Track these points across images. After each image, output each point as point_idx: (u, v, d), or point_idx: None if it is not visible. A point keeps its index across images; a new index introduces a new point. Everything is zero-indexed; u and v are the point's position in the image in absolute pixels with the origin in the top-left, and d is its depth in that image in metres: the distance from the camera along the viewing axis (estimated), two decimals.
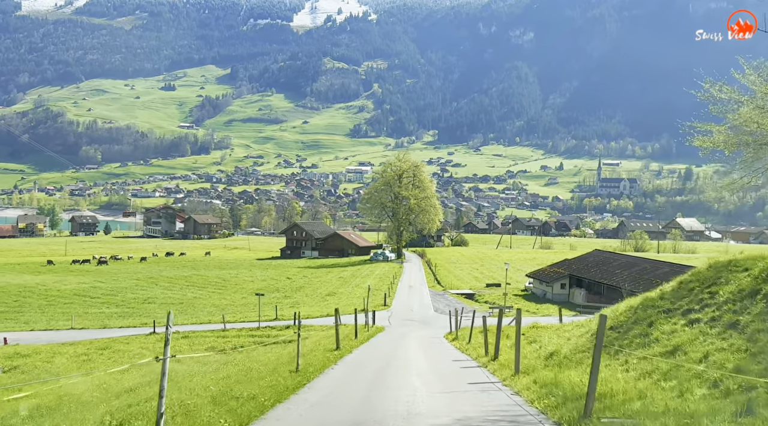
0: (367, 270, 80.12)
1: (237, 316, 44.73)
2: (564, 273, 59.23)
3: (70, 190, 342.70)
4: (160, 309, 50.76)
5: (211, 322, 40.45)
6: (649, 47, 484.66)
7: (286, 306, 48.30)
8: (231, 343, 26.49)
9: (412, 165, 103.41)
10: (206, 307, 51.52)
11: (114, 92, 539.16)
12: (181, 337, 32.42)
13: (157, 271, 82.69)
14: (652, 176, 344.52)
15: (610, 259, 59.43)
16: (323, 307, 46.36)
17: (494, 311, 42.45)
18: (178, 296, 60.18)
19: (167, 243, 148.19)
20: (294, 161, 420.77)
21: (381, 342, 24.52)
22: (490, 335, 21.31)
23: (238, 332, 33.81)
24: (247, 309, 49.37)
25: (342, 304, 43.14)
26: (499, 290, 61.57)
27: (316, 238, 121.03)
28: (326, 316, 39.54)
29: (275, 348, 23.77)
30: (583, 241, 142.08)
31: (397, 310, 45.12)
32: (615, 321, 14.31)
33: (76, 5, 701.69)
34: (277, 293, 61.01)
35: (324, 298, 54.39)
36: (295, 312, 36.90)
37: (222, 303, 54.59)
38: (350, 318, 31.33)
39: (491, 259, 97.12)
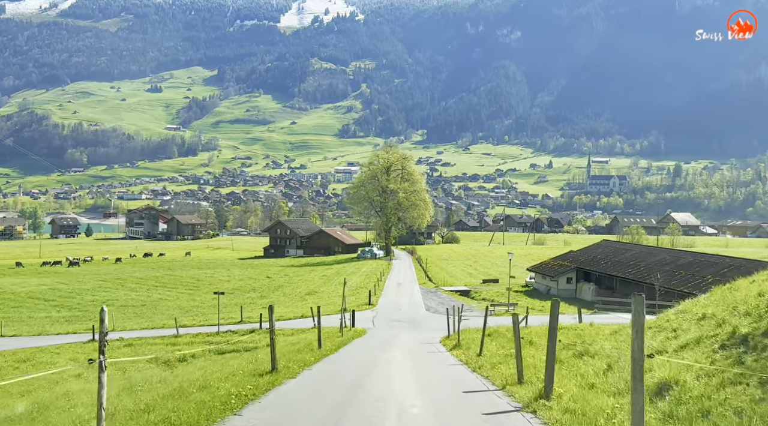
0: (353, 268, 76.79)
1: (199, 319, 41.15)
2: (570, 266, 54.22)
3: (55, 193, 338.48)
4: (118, 312, 47.94)
5: (165, 327, 36.88)
6: (637, 45, 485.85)
7: (259, 307, 45.42)
8: (180, 351, 22.58)
9: (400, 157, 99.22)
10: (170, 310, 48.38)
11: (100, 95, 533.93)
12: (124, 345, 28.03)
13: (129, 271, 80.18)
14: (641, 173, 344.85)
15: (621, 250, 54.69)
16: (300, 307, 42.71)
17: (496, 309, 39.34)
18: (142, 298, 57.03)
19: (148, 244, 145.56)
20: (282, 162, 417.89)
21: (354, 353, 18.80)
22: (504, 341, 18.50)
23: (192, 338, 29.67)
24: (215, 310, 45.76)
25: (322, 304, 39.82)
26: (497, 286, 57.80)
27: (301, 236, 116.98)
28: (301, 318, 36.15)
29: (219, 360, 19.58)
30: (577, 237, 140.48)
31: (384, 310, 40.30)
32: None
33: (60, 8, 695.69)
34: (252, 293, 58.17)
35: (303, 298, 50.87)
36: (261, 313, 33.68)
37: (189, 304, 51.38)
38: (331, 319, 28.78)
39: (484, 256, 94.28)
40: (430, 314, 39.25)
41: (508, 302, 42.42)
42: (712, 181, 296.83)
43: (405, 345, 22.09)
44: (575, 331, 18.87)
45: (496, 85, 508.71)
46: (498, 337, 20.13)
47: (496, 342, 18.79)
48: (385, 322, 34.04)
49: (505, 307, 40.64)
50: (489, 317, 34.51)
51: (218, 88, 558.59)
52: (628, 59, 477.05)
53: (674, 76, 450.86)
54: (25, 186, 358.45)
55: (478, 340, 18.46)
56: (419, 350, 20.26)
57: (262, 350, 20.18)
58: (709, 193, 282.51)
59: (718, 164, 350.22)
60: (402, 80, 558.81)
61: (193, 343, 27.45)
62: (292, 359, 15.01)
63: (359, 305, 41.34)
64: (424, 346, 21.45)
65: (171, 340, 29.24)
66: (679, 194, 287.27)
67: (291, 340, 23.46)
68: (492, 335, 20.38)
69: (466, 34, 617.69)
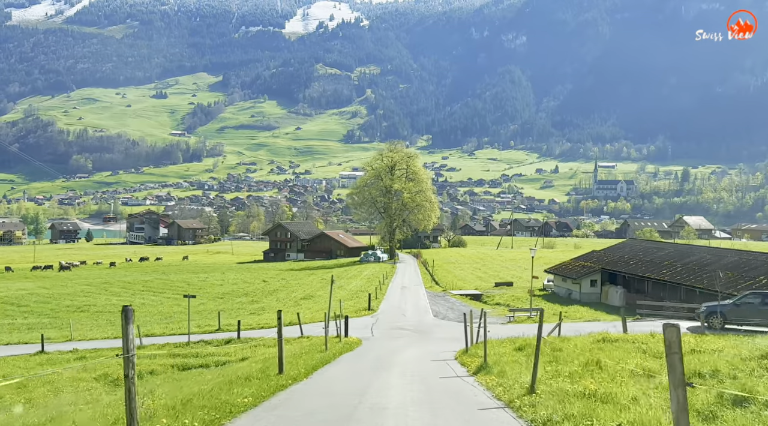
0: (354, 271, 73.78)
1: (174, 326, 37.54)
2: (595, 267, 48.61)
3: (59, 199, 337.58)
4: (90, 319, 45.30)
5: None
6: (643, 50, 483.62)
7: (248, 313, 42.82)
8: (138, 366, 19.19)
9: (405, 155, 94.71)
10: (150, 315, 45.83)
11: (105, 101, 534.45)
12: (76, 358, 24.43)
13: (119, 276, 78.07)
14: (648, 178, 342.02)
15: (651, 249, 49.29)
16: (292, 313, 38.87)
17: (516, 315, 35.22)
18: (123, 303, 53.60)
19: (148, 249, 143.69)
20: (287, 168, 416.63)
21: (333, 380, 13.57)
22: (550, 360, 13.53)
23: (157, 349, 25.69)
24: (199, 316, 43.07)
25: (317, 309, 37.26)
26: (512, 290, 53.54)
27: (302, 239, 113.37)
28: (288, 325, 32.17)
29: (182, 377, 16.46)
30: (587, 241, 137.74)
31: (385, 316, 35.99)
32: None
33: (66, 14, 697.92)
34: (243, 298, 55.49)
35: (297, 303, 47.66)
36: (239, 320, 30.49)
37: (172, 310, 48.53)
38: (320, 327, 25.06)
39: (493, 259, 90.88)
40: (438, 321, 34.73)
41: (530, 307, 37.40)
42: (720, 186, 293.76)
43: (409, 364, 17.11)
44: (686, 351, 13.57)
45: (501, 90, 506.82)
46: (539, 355, 15.40)
47: (540, 362, 13.02)
48: (385, 330, 29.83)
49: (527, 313, 35.84)
50: (508, 325, 29.61)
51: (223, 94, 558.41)
52: (634, 64, 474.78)
53: (681, 80, 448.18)
54: (29, 192, 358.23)
55: (509, 359, 14.63)
56: (429, 373, 14.89)
57: (234, 365, 17.20)
58: (718, 197, 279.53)
59: (726, 169, 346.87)
60: (407, 85, 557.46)
61: (157, 355, 23.66)
62: (223, 399, 9.69)
63: (357, 310, 38.08)
64: (436, 367, 16.18)
65: None
66: (688, 199, 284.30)
67: (272, 352, 19.76)
68: (524, 349, 16.31)
69: (471, 39, 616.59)
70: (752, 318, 24.45)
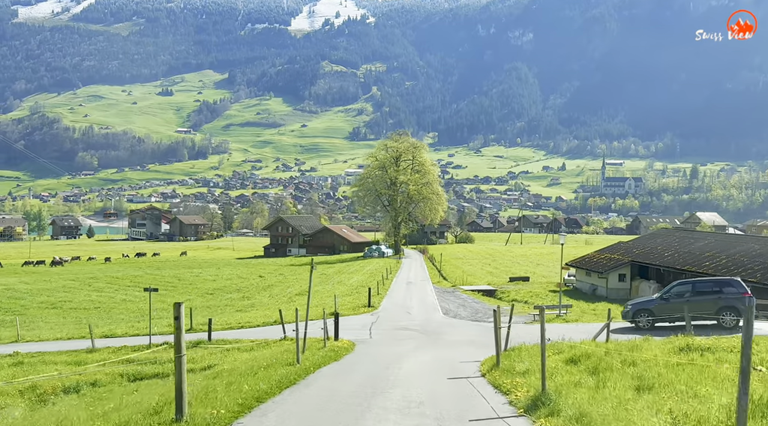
0: (356, 266, 71.16)
1: (143, 325, 33.84)
2: (624, 260, 43.83)
3: (64, 196, 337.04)
4: (59, 316, 42.96)
5: (84, 338, 28.64)
6: (650, 46, 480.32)
7: (235, 309, 40.33)
8: (81, 375, 15.83)
9: (411, 146, 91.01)
10: (127, 312, 43.24)
11: (111, 98, 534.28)
12: (13, 364, 20.75)
13: (110, 271, 76.17)
14: (657, 175, 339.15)
15: (689, 239, 44.66)
16: (286, 309, 35.26)
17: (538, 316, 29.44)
18: (103, 299, 51.72)
19: (148, 245, 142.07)
20: (292, 165, 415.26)
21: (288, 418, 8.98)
22: (632, 381, 9.87)
23: (111, 354, 22.27)
24: (185, 314, 39.16)
25: (313, 305, 33.59)
26: (529, 286, 49.45)
27: (304, 234, 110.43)
28: (273, 324, 29.17)
29: (129, 389, 13.76)
30: (598, 238, 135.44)
31: (387, 314, 31.84)
32: None
33: (73, 12, 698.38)
34: (235, 294, 53.08)
35: (291, 299, 44.35)
36: (210, 319, 26.81)
37: (156, 307, 44.93)
38: (313, 326, 20.87)
39: (503, 255, 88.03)
40: (449, 320, 30.36)
41: (559, 304, 33.01)
42: (730, 183, 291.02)
43: (415, 384, 12.05)
44: None
45: (507, 87, 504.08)
46: (606, 370, 11.06)
47: (621, 386, 9.69)
48: (386, 330, 25.52)
49: (555, 311, 31.83)
50: (532, 324, 26.66)
51: (229, 92, 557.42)
52: (641, 61, 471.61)
53: (689, 77, 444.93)
54: (35, 189, 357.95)
55: (567, 379, 10.40)
56: (449, 406, 9.76)
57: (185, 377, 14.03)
58: (727, 194, 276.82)
59: (735, 166, 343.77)
60: (413, 83, 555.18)
61: (108, 361, 19.73)
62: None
63: (356, 307, 34.63)
64: (457, 391, 11.28)
65: (80, 357, 21.87)
66: (697, 196, 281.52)
67: (229, 363, 16.34)
68: (581, 363, 12.29)
69: (477, 36, 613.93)
70: (684, 311, 21.36)
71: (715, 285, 22.77)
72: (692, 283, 23.41)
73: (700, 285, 23.22)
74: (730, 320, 21.73)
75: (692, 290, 22.80)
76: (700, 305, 21.76)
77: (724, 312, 21.82)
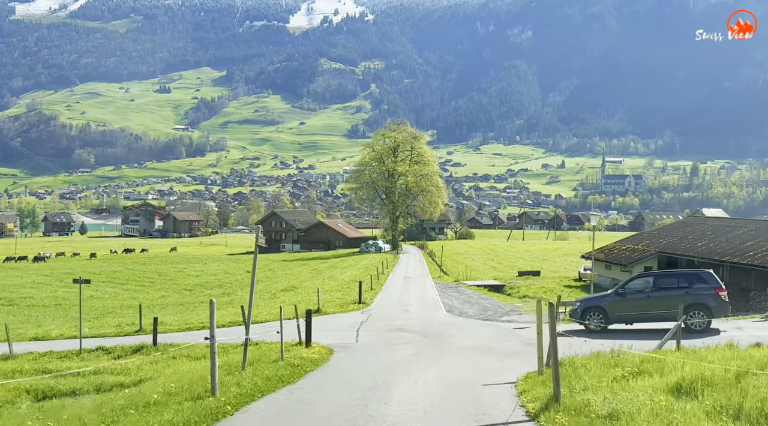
0: (351, 261, 68.33)
1: (94, 323, 30.34)
2: (650, 251, 38.94)
3: (61, 193, 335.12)
4: (10, 314, 39.99)
5: (27, 339, 25.11)
6: (650, 44, 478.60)
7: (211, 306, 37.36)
8: None
9: (409, 136, 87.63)
10: (89, 310, 40.08)
11: (108, 95, 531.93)
12: None
13: (91, 267, 73.85)
14: (657, 173, 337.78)
15: (724, 228, 39.62)
16: (264, 308, 32.64)
17: (565, 314, 24.08)
18: (70, 296, 48.29)
19: (140, 241, 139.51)
20: (290, 162, 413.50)
21: None
22: None
23: (31, 362, 18.21)
24: (152, 312, 34.93)
25: (298, 301, 31.88)
26: (541, 280, 45.80)
27: (298, 228, 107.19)
28: (240, 325, 23.68)
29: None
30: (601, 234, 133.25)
31: (380, 312, 27.91)
32: None
33: (70, 9, 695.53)
34: (215, 290, 50.58)
35: (275, 295, 41.14)
36: (155, 317, 22.10)
37: (123, 304, 42.89)
38: (291, 327, 18.16)
39: (505, 251, 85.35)
40: (454, 319, 25.74)
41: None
42: (731, 181, 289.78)
43: None
44: None
45: (507, 84, 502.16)
46: None
47: None
48: (378, 332, 21.11)
49: None
50: (559, 324, 21.53)
51: (227, 89, 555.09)
52: (641, 58, 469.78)
53: (689, 74, 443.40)
54: (31, 186, 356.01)
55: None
56: None
57: (109, 396, 10.86)
58: (728, 192, 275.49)
59: (735, 164, 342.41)
60: (412, 80, 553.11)
61: (18, 372, 16.16)
62: None
63: (344, 305, 30.96)
64: None
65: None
66: (697, 194, 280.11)
67: (170, 375, 13.35)
68: (695, 395, 8.25)
69: (476, 33, 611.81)
70: (643, 310, 18.65)
71: (683, 279, 19.33)
72: (654, 276, 19.90)
73: (663, 279, 19.71)
74: (699, 322, 18.23)
75: (654, 285, 19.14)
76: (663, 302, 18.32)
77: (692, 311, 18.26)
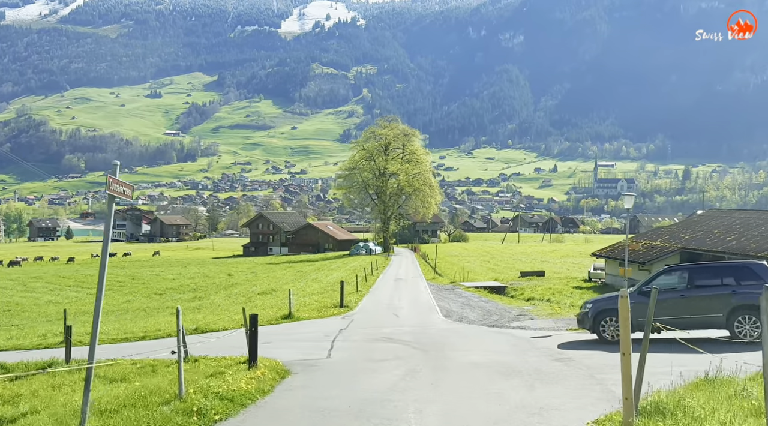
0: (339, 263, 65.72)
1: (27, 333, 26.54)
2: (672, 247, 34.88)
3: (50, 199, 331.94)
4: None
5: None
6: (641, 48, 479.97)
7: (169, 313, 33.51)
8: None
9: (401, 133, 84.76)
10: (40, 316, 37.54)
11: (99, 100, 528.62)
12: None
13: (64, 271, 71.20)
14: (649, 176, 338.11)
15: (754, 220, 34.77)
16: (231, 313, 28.11)
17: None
18: (25, 301, 45.77)
19: (125, 245, 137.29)
20: (282, 167, 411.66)
21: None
22: None
23: None
24: (107, 318, 32.14)
25: (272, 305, 29.36)
26: (546, 281, 42.00)
27: (286, 231, 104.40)
28: (194, 333, 19.99)
29: None
30: (596, 237, 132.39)
31: (365, 317, 24.06)
32: None
33: (60, 14, 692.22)
34: (188, 294, 47.58)
35: (250, 299, 37.63)
36: (68, 326, 15.55)
37: (84, 309, 39.36)
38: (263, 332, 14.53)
39: (501, 253, 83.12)
40: (453, 325, 21.60)
41: None
42: (723, 184, 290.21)
43: None
44: None
45: (499, 89, 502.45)
46: None
47: None
48: (359, 343, 16.73)
49: None
50: (582, 331, 17.95)
51: (218, 94, 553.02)
52: (632, 62, 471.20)
53: (680, 78, 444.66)
54: (21, 192, 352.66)
55: None
56: None
57: None
58: (720, 195, 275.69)
59: (726, 168, 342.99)
60: (404, 85, 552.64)
61: None
62: None
63: (322, 309, 26.91)
64: None
65: None
66: (690, 197, 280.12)
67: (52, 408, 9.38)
68: None
69: (468, 38, 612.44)
70: (676, 313, 14.08)
71: (728, 274, 14.73)
72: (690, 270, 15.25)
73: (703, 273, 15.13)
74: (749, 329, 13.78)
75: (690, 281, 14.74)
76: (702, 304, 14.38)
77: (740, 316, 13.97)
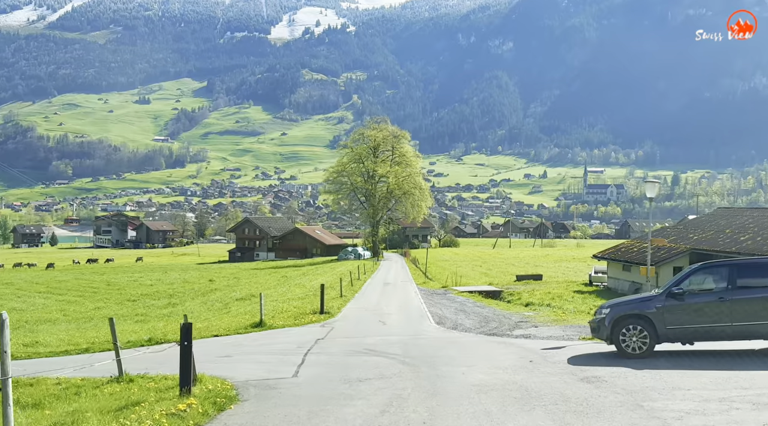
0: (326, 268, 64.32)
1: None
2: (680, 248, 32.67)
3: (37, 205, 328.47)
4: None
5: None
6: (630, 55, 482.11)
7: (134, 321, 32.14)
8: None
9: (390, 134, 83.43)
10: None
11: (87, 106, 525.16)
12: None
13: (39, 278, 69.07)
14: (638, 182, 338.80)
15: (766, 220, 32.92)
16: (204, 321, 27.15)
17: None
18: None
19: (110, 252, 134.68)
20: (272, 173, 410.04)
21: None
22: None
23: None
24: (68, 327, 30.67)
25: (246, 312, 27.83)
26: (544, 285, 39.93)
27: (273, 236, 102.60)
28: (147, 344, 18.70)
29: None
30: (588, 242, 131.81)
31: (347, 325, 21.93)
32: None
33: (48, 20, 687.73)
34: (163, 300, 45.13)
35: (226, 306, 35.78)
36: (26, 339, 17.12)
37: (48, 317, 36.88)
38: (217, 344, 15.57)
39: (493, 258, 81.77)
40: (448, 334, 19.28)
41: None
42: (712, 190, 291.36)
43: None
44: None
45: (488, 95, 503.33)
46: None
47: None
48: (336, 356, 14.42)
49: None
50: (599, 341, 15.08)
51: (207, 100, 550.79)
52: (621, 69, 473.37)
53: (668, 85, 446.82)
54: (7, 199, 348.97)
55: None
56: None
57: None
58: (709, 201, 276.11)
59: (714, 174, 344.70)
60: (394, 91, 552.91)
61: None
62: None
63: (299, 316, 24.61)
64: None
65: None
66: (679, 203, 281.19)
67: None
68: None
69: (458, 45, 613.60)
70: (715, 320, 11.63)
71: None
72: (730, 267, 12.13)
73: (748, 272, 12.10)
74: None
75: (730, 281, 11.75)
76: (747, 308, 11.59)
77: None
